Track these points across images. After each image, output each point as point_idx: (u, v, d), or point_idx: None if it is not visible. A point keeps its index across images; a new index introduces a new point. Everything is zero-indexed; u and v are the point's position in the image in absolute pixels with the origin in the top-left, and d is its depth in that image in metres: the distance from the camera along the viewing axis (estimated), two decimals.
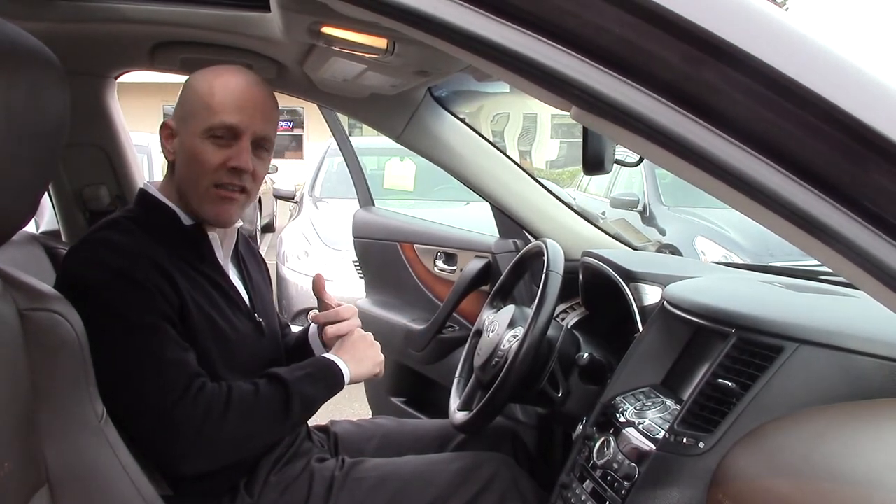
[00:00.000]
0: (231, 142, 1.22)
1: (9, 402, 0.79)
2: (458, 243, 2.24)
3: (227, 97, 1.21)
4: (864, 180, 0.59)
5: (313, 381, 1.27)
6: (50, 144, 0.80)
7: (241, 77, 1.25)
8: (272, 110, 1.27)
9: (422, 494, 1.31)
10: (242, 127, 1.21)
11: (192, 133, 1.22)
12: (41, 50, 0.79)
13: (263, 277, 1.47)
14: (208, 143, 1.21)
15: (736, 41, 0.59)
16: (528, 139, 13.62)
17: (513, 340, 1.45)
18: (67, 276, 1.17)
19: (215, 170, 1.21)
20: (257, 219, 9.46)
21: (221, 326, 1.23)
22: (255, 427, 1.20)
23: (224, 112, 1.20)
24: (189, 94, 1.25)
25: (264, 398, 1.20)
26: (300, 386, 1.24)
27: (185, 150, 1.23)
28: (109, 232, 1.21)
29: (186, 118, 1.23)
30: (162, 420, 1.11)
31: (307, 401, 1.24)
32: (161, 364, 1.12)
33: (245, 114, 1.22)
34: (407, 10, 0.65)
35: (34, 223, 3.04)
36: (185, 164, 1.24)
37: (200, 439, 1.13)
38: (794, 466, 0.82)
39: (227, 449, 1.18)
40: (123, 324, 1.11)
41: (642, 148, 0.67)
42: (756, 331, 1.05)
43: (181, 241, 1.25)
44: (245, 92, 1.23)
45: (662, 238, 5.82)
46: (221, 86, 1.22)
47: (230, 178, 1.23)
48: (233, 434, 1.17)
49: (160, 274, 1.16)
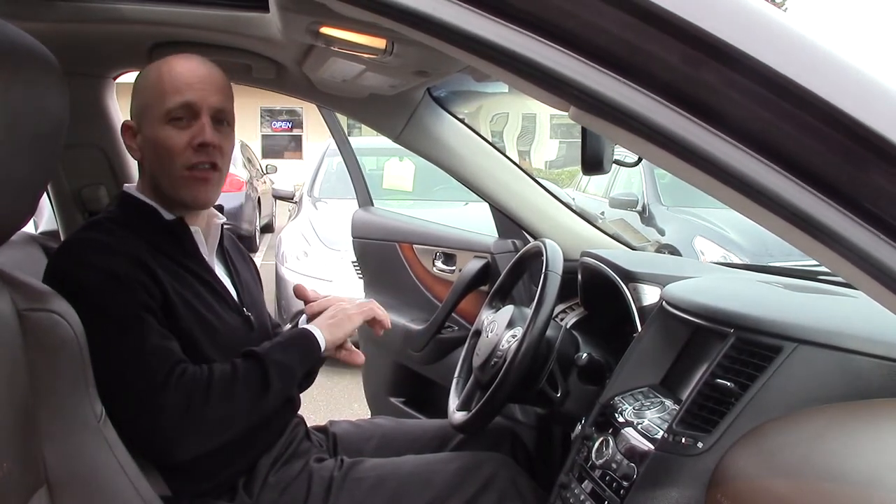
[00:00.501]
0: (191, 121, 1.23)
1: (8, 402, 0.79)
2: (457, 243, 2.24)
3: (176, 78, 1.23)
4: (862, 181, 0.59)
5: (285, 349, 1.27)
6: (49, 145, 0.80)
7: (186, 59, 1.27)
8: (224, 83, 1.28)
9: (421, 494, 1.31)
10: (198, 102, 1.23)
11: (151, 124, 1.24)
12: (40, 50, 0.79)
13: (252, 274, 1.47)
14: (169, 128, 1.23)
15: (734, 42, 0.59)
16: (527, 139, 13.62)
17: (512, 340, 1.45)
18: (53, 277, 1.17)
19: (182, 151, 1.23)
20: (256, 219, 9.46)
21: (208, 319, 1.24)
22: (238, 403, 1.19)
23: (177, 92, 1.22)
24: (140, 90, 1.27)
25: (242, 374, 1.20)
26: (274, 355, 1.24)
27: (150, 142, 1.25)
28: (91, 232, 1.23)
29: (143, 112, 1.26)
30: (148, 408, 1.11)
31: (284, 369, 1.24)
32: (142, 354, 1.13)
33: (197, 89, 1.23)
34: (405, 11, 0.65)
35: (33, 223, 3.04)
36: (154, 156, 1.25)
37: (187, 422, 1.13)
38: (793, 466, 0.82)
39: (215, 429, 1.18)
40: (105, 319, 1.11)
41: (641, 148, 0.67)
42: (755, 331, 1.05)
43: (163, 236, 1.26)
44: (193, 70, 1.25)
45: (661, 238, 5.83)
46: (168, 70, 1.25)
47: (199, 157, 1.24)
48: (218, 413, 1.17)
49: (142, 269, 1.18)
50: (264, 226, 10.47)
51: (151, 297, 1.17)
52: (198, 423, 1.15)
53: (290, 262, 4.81)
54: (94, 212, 1.83)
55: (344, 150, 2.72)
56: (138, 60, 1.65)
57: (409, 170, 5.12)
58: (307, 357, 1.30)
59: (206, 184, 1.26)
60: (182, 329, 1.19)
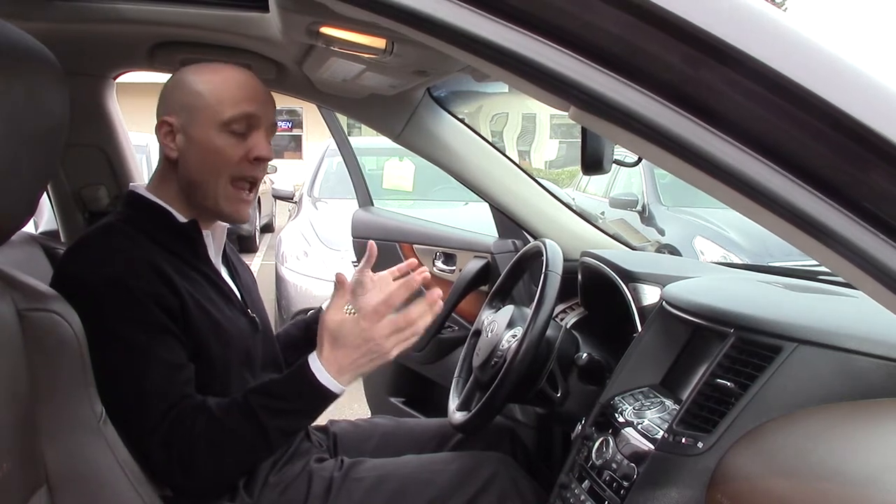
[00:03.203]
0: (248, 133, 1.22)
1: (7, 402, 0.79)
2: (457, 243, 2.24)
3: (238, 89, 1.22)
4: (863, 181, 0.59)
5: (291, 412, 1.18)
6: (49, 145, 0.80)
7: (239, 70, 1.27)
8: (274, 101, 1.29)
9: (420, 494, 1.31)
10: (260, 115, 1.23)
11: (203, 128, 1.21)
12: (40, 50, 0.79)
13: (249, 276, 1.47)
14: (226, 137, 1.21)
15: (735, 42, 0.59)
16: (527, 139, 13.62)
17: (512, 340, 1.45)
18: (62, 279, 1.15)
19: (238, 162, 1.22)
20: (256, 219, 9.46)
21: (220, 322, 1.23)
22: (228, 463, 1.17)
23: (241, 102, 1.21)
24: (190, 91, 1.23)
25: (239, 436, 1.15)
26: (276, 420, 1.16)
27: (198, 146, 1.21)
28: (105, 236, 1.21)
29: (193, 113, 1.21)
30: (139, 443, 1.07)
31: (283, 434, 1.20)
32: (141, 391, 1.11)
33: (260, 102, 1.23)
34: (405, 11, 0.65)
35: (33, 223, 3.04)
36: (200, 161, 1.22)
37: (173, 468, 1.12)
38: (793, 466, 0.82)
39: (203, 479, 1.16)
40: (114, 337, 1.10)
41: (641, 148, 0.67)
42: (755, 331, 1.05)
43: (175, 239, 1.24)
44: (251, 82, 1.25)
45: (661, 238, 5.83)
46: (226, 78, 1.23)
47: (252, 171, 1.24)
48: (205, 469, 1.14)
49: (158, 277, 1.15)
50: (264, 226, 10.47)
51: (166, 311, 1.14)
52: (184, 471, 1.12)
53: (290, 262, 4.80)
54: (94, 212, 1.83)
55: (344, 150, 2.73)
56: (138, 60, 1.65)
57: (409, 170, 5.12)
58: (315, 412, 1.21)
59: (248, 204, 1.26)
60: (195, 332, 1.18)
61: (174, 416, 1.12)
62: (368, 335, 1.15)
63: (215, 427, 1.14)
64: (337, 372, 1.15)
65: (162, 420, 1.11)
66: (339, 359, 1.16)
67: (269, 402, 1.16)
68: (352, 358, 1.16)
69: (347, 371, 1.16)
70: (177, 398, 1.13)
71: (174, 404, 1.13)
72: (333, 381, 1.15)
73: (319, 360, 1.16)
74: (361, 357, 1.16)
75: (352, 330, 1.16)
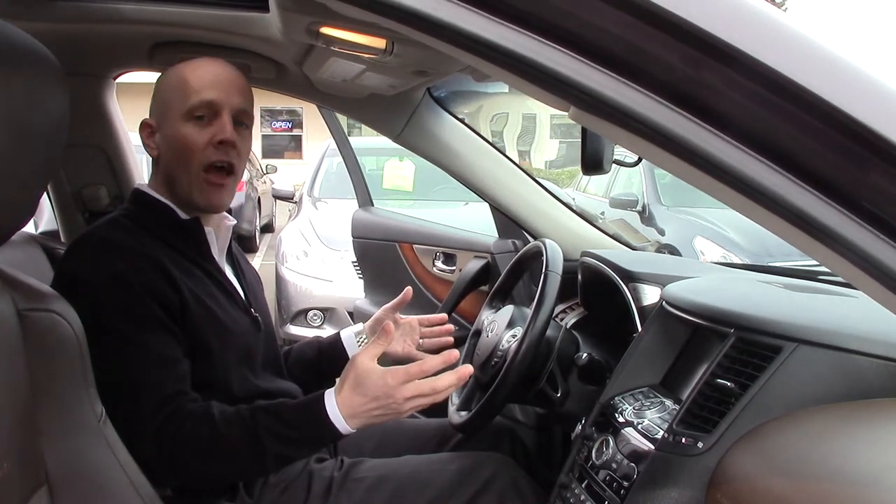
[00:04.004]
0: (212, 119, 1.23)
1: (8, 402, 0.79)
2: (457, 243, 2.24)
3: (200, 78, 1.24)
4: (862, 181, 0.59)
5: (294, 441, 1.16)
6: (49, 145, 0.80)
7: (210, 61, 1.28)
8: (246, 86, 1.29)
9: (420, 494, 1.31)
10: (221, 101, 1.23)
11: (172, 122, 1.24)
12: (40, 50, 0.79)
13: (255, 276, 1.47)
14: (190, 126, 1.23)
15: (734, 42, 0.59)
16: (527, 139, 13.62)
17: (512, 340, 1.45)
18: (65, 274, 1.17)
19: (203, 149, 1.22)
20: (256, 219, 9.46)
21: (222, 319, 1.24)
22: (216, 471, 1.17)
23: (201, 91, 1.22)
24: (163, 89, 1.27)
25: (236, 452, 1.14)
26: (278, 447, 1.14)
27: (169, 140, 1.24)
28: (108, 231, 1.22)
29: (164, 111, 1.25)
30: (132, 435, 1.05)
31: (283, 458, 1.18)
32: (137, 383, 1.11)
33: (221, 89, 1.24)
34: (405, 11, 0.65)
35: (33, 223, 3.04)
36: (172, 153, 1.25)
37: (162, 463, 1.11)
38: (793, 466, 0.82)
39: (190, 480, 1.16)
40: (110, 332, 1.10)
41: (641, 148, 0.67)
42: (755, 331, 1.05)
43: (178, 236, 1.25)
44: (217, 71, 1.26)
45: (661, 238, 5.83)
46: (192, 70, 1.25)
47: (218, 156, 1.24)
48: (194, 474, 1.15)
49: (159, 273, 1.16)
50: (264, 226, 10.48)
51: (164, 307, 1.15)
52: (173, 469, 1.12)
53: (290, 262, 4.80)
54: (94, 212, 1.83)
55: (344, 150, 2.73)
56: (138, 60, 1.65)
57: (409, 170, 5.12)
58: (316, 447, 1.23)
59: (222, 189, 1.26)
60: (194, 328, 1.19)
61: (170, 412, 1.12)
62: (391, 392, 1.12)
63: (215, 438, 1.13)
64: (349, 414, 1.14)
65: (155, 414, 1.11)
66: (356, 404, 1.14)
67: (276, 426, 1.14)
68: (367, 407, 1.14)
69: (358, 417, 1.14)
70: (171, 392, 1.13)
71: (169, 399, 1.13)
72: (343, 422, 1.14)
73: (336, 397, 1.14)
74: (377, 409, 1.14)
75: (376, 382, 1.13)
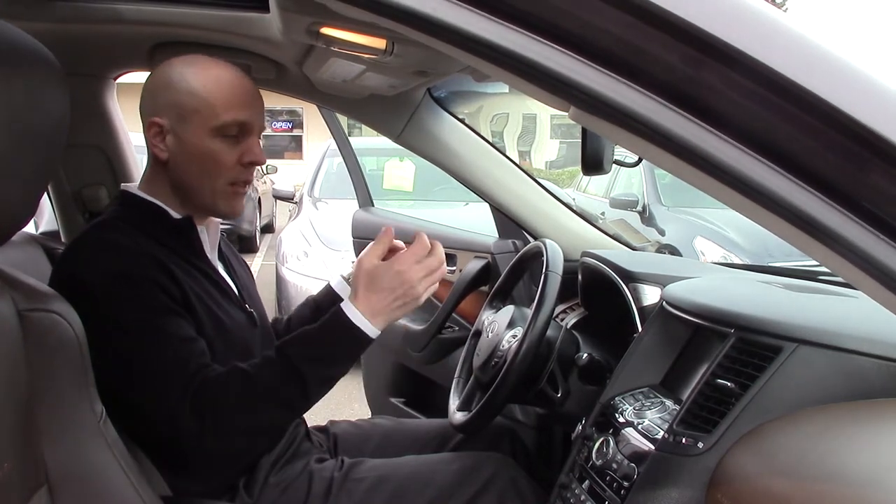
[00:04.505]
0: (241, 138, 1.23)
1: (8, 402, 0.79)
2: (458, 244, 2.24)
3: (229, 94, 1.21)
4: (862, 181, 0.59)
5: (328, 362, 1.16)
6: (49, 145, 0.80)
7: (230, 71, 1.25)
8: (262, 100, 1.30)
9: (421, 495, 1.31)
10: (252, 122, 1.23)
11: (196, 132, 1.20)
12: (40, 51, 0.79)
13: (246, 272, 1.48)
14: (219, 142, 1.21)
15: (735, 42, 0.59)
16: (527, 139, 13.62)
17: (512, 341, 1.45)
18: (63, 277, 1.15)
19: (232, 167, 1.23)
20: (257, 219, 9.46)
21: (220, 317, 1.24)
22: (263, 420, 1.17)
23: (233, 108, 1.21)
24: (180, 90, 1.21)
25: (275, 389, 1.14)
26: (314, 369, 1.15)
27: (190, 150, 1.21)
28: (103, 231, 1.21)
29: (184, 115, 1.20)
30: (163, 424, 1.10)
31: (323, 379, 1.17)
32: (158, 366, 1.11)
33: (253, 109, 1.24)
34: (405, 11, 0.65)
35: (33, 223, 3.04)
36: (194, 165, 1.22)
37: (207, 442, 1.11)
38: (793, 466, 0.82)
39: (236, 442, 1.16)
40: (120, 326, 1.10)
41: (641, 148, 0.67)
42: (755, 331, 1.05)
43: (172, 236, 1.25)
44: (244, 85, 1.24)
45: (662, 238, 5.83)
46: (217, 81, 1.21)
47: (246, 175, 1.26)
48: (241, 430, 1.15)
49: (160, 269, 1.16)
50: (264, 226, 10.48)
51: (172, 299, 1.15)
52: (218, 435, 1.12)
53: (291, 262, 4.81)
54: (94, 212, 1.82)
55: (344, 150, 2.73)
56: (138, 61, 1.65)
57: (409, 170, 5.12)
58: (350, 358, 1.19)
59: (242, 197, 1.29)
60: (197, 325, 1.19)
61: (199, 384, 1.11)
62: (403, 278, 1.18)
63: (249, 384, 1.13)
64: (371, 315, 1.17)
65: (186, 390, 1.11)
66: (374, 302, 1.18)
67: (306, 351, 1.16)
68: (386, 301, 1.18)
69: (381, 314, 1.18)
70: (195, 368, 1.13)
71: (193, 374, 1.12)
72: (368, 323, 1.17)
73: (353, 303, 1.18)
74: (395, 300, 1.18)
75: (386, 273, 1.19)
